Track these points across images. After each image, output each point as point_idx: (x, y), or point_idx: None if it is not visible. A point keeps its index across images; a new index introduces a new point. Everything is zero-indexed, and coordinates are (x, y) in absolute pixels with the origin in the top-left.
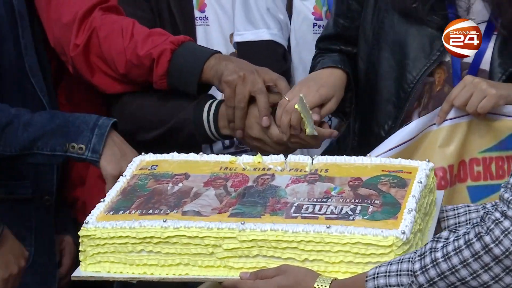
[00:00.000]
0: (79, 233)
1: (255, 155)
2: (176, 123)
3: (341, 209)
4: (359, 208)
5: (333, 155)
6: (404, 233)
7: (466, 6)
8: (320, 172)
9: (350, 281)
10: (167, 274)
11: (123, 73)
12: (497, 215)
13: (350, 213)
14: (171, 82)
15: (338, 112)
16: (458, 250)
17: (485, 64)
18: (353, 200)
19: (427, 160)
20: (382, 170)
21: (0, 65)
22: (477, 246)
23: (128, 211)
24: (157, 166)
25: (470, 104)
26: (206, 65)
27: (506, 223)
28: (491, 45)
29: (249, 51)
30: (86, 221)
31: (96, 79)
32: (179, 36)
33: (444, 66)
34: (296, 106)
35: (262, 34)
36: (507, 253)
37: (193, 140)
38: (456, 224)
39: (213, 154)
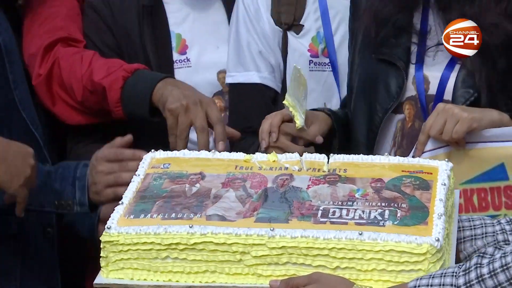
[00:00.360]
0: (100, 238)
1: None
2: None
3: (369, 214)
4: (387, 212)
5: None
6: (438, 240)
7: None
8: (339, 172)
9: None
10: (193, 281)
11: (80, 101)
12: None
13: (379, 218)
14: (126, 110)
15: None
16: (505, 267)
17: (448, 95)
18: (379, 204)
19: (446, 160)
20: (402, 171)
21: None
22: None
23: (149, 215)
24: (169, 164)
25: (445, 131)
26: (155, 89)
27: None
28: (453, 75)
29: (239, 92)
30: (108, 226)
31: (57, 109)
32: (133, 64)
33: (412, 101)
34: (284, 101)
35: (252, 76)
36: None
37: None
38: (472, 236)
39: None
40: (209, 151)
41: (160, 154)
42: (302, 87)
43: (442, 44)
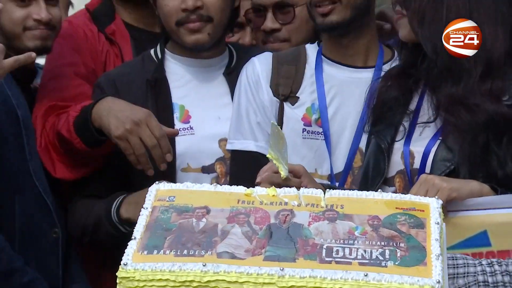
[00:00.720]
0: (117, 274)
1: None
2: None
3: (371, 253)
4: (387, 252)
5: None
6: (439, 282)
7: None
8: (337, 208)
9: None
10: None
11: (63, 152)
12: None
13: (381, 258)
14: (84, 140)
15: None
16: None
17: (428, 168)
18: (379, 243)
19: (436, 197)
20: (396, 208)
21: (3, 169)
22: None
23: (162, 251)
24: (174, 197)
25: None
26: (93, 116)
27: None
28: (433, 149)
29: (237, 158)
30: (125, 263)
31: (58, 173)
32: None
33: (401, 174)
34: (268, 155)
35: (249, 145)
36: None
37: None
38: (454, 274)
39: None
40: None
41: (165, 186)
42: (281, 141)
43: (431, 122)
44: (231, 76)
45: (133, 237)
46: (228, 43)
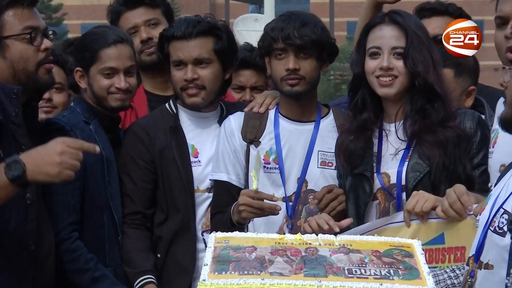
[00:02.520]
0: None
1: None
2: None
3: (381, 271)
4: (392, 271)
5: None
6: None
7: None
8: (348, 246)
9: None
10: None
11: None
12: None
13: (388, 274)
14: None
15: None
16: None
17: (403, 180)
18: (384, 266)
19: (417, 239)
20: (390, 245)
21: (91, 197)
22: None
23: (228, 271)
24: (228, 240)
25: (417, 206)
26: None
27: None
28: (404, 168)
29: (215, 185)
30: (203, 279)
31: None
32: None
33: (381, 190)
34: (250, 173)
35: (222, 176)
36: None
37: None
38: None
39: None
40: None
41: (220, 234)
42: (259, 164)
43: (402, 149)
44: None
45: (204, 264)
46: (220, 100)
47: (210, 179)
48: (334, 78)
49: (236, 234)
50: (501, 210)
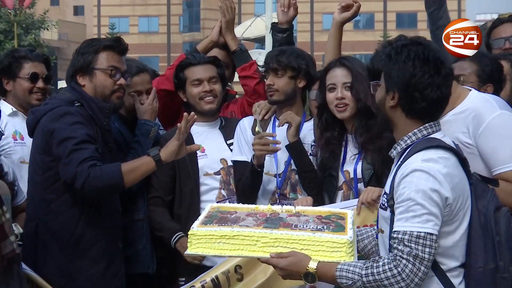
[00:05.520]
0: (188, 233)
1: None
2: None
3: (317, 227)
4: (325, 226)
5: None
6: (350, 237)
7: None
8: (301, 212)
9: (328, 265)
10: (239, 254)
11: None
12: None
13: (322, 228)
14: None
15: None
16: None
17: (359, 175)
18: (321, 224)
19: (351, 209)
20: (330, 212)
21: None
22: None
23: (211, 224)
24: (219, 208)
25: (368, 198)
26: None
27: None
28: (359, 166)
29: (235, 163)
30: (193, 227)
31: None
32: None
33: (345, 183)
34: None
35: (242, 157)
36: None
37: None
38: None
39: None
40: None
41: (215, 204)
42: (259, 123)
43: (357, 153)
44: (222, 130)
45: (197, 219)
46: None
47: (232, 160)
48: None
49: (227, 204)
50: (383, 192)
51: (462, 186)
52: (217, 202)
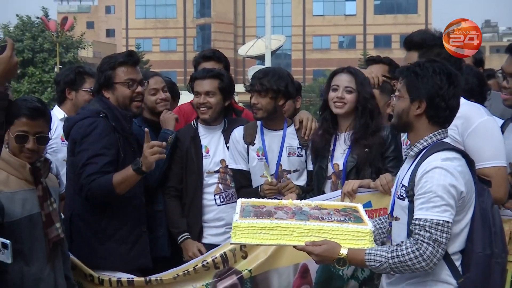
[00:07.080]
0: (232, 224)
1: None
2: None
3: (340, 219)
4: (347, 218)
5: None
6: (371, 228)
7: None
8: (319, 206)
9: (357, 251)
10: (278, 242)
11: None
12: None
13: (345, 220)
14: None
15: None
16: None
17: (346, 169)
18: (342, 216)
19: (360, 203)
20: (344, 206)
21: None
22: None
23: (250, 217)
24: (249, 202)
25: (348, 189)
26: None
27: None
28: (346, 160)
29: (233, 171)
30: (236, 220)
31: None
32: None
33: (334, 174)
34: (264, 173)
35: (235, 166)
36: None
37: None
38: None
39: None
40: None
41: (243, 199)
42: (267, 168)
43: (347, 148)
44: (225, 133)
45: (235, 213)
46: (225, 117)
47: (230, 168)
48: (305, 103)
49: (253, 200)
50: (401, 184)
51: (470, 182)
52: (215, 195)
